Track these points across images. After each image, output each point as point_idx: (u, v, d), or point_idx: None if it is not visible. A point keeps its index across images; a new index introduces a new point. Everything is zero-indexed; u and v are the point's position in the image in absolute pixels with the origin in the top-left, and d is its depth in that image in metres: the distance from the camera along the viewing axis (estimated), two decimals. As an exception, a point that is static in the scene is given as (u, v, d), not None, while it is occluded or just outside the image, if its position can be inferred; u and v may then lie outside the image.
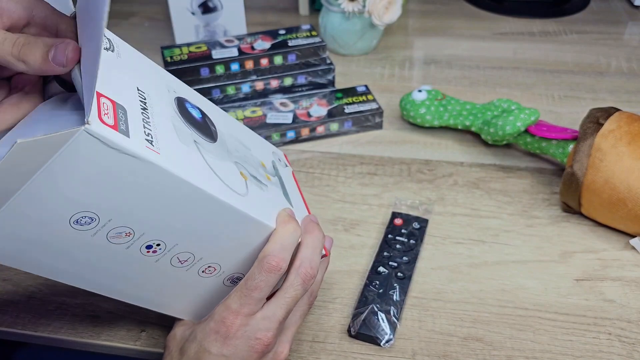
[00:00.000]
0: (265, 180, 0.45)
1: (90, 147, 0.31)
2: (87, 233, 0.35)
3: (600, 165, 0.56)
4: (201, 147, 0.39)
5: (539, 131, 0.64)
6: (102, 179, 0.33)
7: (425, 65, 0.89)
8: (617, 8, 1.07)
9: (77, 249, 0.35)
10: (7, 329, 0.51)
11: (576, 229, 0.60)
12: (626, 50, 0.93)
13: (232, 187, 0.39)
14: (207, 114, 0.44)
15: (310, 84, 0.78)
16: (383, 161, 0.70)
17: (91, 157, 0.31)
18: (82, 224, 0.34)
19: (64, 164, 0.31)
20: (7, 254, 0.35)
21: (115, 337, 0.50)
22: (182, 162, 0.35)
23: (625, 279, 0.55)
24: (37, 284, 0.55)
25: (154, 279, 0.40)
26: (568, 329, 0.50)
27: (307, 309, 0.44)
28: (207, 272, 0.41)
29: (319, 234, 0.43)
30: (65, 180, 0.32)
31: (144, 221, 0.36)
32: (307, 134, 0.73)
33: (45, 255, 0.35)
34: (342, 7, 0.84)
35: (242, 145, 0.47)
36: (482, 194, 0.65)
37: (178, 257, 0.39)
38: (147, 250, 0.37)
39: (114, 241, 0.36)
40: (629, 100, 0.80)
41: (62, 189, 0.32)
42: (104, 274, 0.38)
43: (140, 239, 0.36)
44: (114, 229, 0.35)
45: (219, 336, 0.40)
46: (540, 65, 0.89)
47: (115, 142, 0.31)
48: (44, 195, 0.32)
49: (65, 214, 0.33)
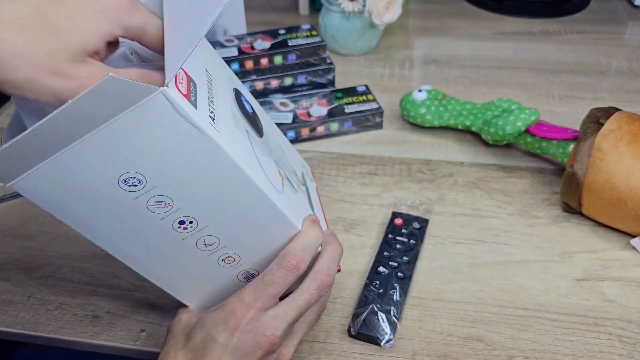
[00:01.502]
0: (296, 185, 0.47)
1: (161, 110, 0.32)
2: (131, 195, 0.35)
3: (601, 165, 0.56)
4: (251, 137, 0.41)
5: (539, 131, 0.64)
6: (161, 143, 0.34)
7: (425, 65, 0.89)
8: (617, 8, 1.07)
9: (114, 208, 0.36)
10: (7, 329, 0.51)
11: (576, 229, 0.60)
12: (626, 50, 0.93)
13: (271, 181, 0.41)
14: (256, 111, 0.46)
15: (310, 84, 0.78)
16: (383, 161, 0.70)
17: (159, 120, 0.33)
18: (129, 184, 0.35)
19: (134, 121, 0.32)
20: (49, 199, 0.35)
21: (115, 337, 0.50)
22: (235, 145, 0.37)
23: (625, 279, 0.55)
24: (37, 284, 0.55)
25: (175, 256, 0.40)
26: (568, 329, 0.50)
27: (315, 319, 0.44)
28: (226, 261, 0.42)
29: (339, 247, 0.44)
30: (128, 137, 0.33)
31: (186, 195, 0.36)
32: (307, 133, 0.73)
33: (81, 207, 0.36)
34: (342, 6, 0.84)
35: (280, 149, 0.49)
36: (483, 194, 0.65)
37: (205, 239, 0.40)
38: (179, 225, 0.38)
39: (152, 209, 0.37)
40: (629, 100, 0.80)
41: (122, 145, 0.33)
42: (130, 240, 0.39)
43: (177, 212, 0.37)
44: (156, 196, 0.36)
45: (228, 327, 0.40)
46: (541, 65, 0.89)
47: (184, 110, 0.32)
48: (104, 148, 0.33)
49: (116, 171, 0.34)
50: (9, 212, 0.63)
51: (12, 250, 0.59)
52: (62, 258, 0.58)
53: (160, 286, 0.43)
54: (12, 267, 0.57)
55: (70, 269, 0.57)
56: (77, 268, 0.57)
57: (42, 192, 0.34)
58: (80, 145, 0.33)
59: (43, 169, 0.33)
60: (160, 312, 0.52)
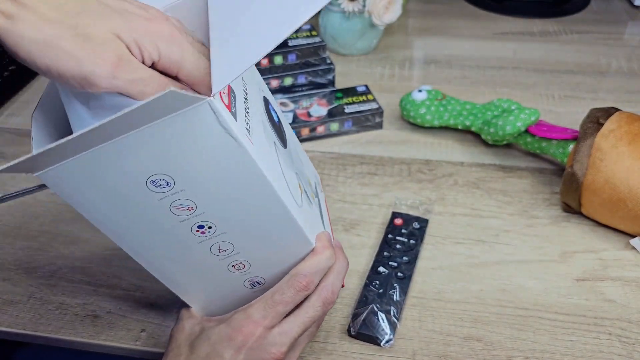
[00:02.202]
0: (311, 197, 0.48)
1: (204, 119, 0.32)
2: (156, 196, 0.36)
3: (601, 165, 0.56)
4: (278, 149, 0.41)
5: (539, 131, 0.64)
6: (197, 151, 0.34)
7: (425, 65, 0.89)
8: (617, 8, 1.07)
9: (136, 207, 0.36)
10: (7, 329, 0.51)
11: (576, 229, 0.60)
12: (626, 50, 0.93)
13: (293, 196, 0.41)
14: (281, 119, 0.47)
15: (311, 84, 0.78)
16: (383, 161, 0.70)
17: (200, 128, 0.33)
18: (157, 185, 0.35)
19: (175, 126, 0.33)
20: (73, 193, 0.35)
21: (115, 337, 0.50)
22: (265, 159, 0.37)
23: (625, 279, 0.55)
24: (37, 284, 0.55)
25: (186, 257, 0.41)
26: (568, 329, 0.50)
27: (315, 331, 0.45)
28: (236, 267, 0.42)
29: (345, 262, 0.45)
30: (166, 140, 0.33)
31: (210, 201, 0.37)
32: (307, 133, 0.73)
33: (104, 203, 0.36)
34: (342, 7, 0.84)
35: (299, 158, 0.49)
36: (482, 194, 0.65)
37: (220, 245, 0.40)
38: (198, 229, 0.38)
39: (175, 211, 0.37)
40: (629, 100, 0.80)
41: (158, 147, 0.33)
42: (145, 238, 0.39)
43: (198, 217, 0.37)
44: (181, 200, 0.36)
45: (234, 343, 0.40)
46: (541, 65, 0.89)
47: (227, 122, 0.33)
48: (140, 148, 0.33)
49: (147, 172, 0.34)
50: (9, 212, 0.64)
51: (13, 250, 0.59)
52: (62, 258, 0.58)
53: (166, 284, 0.43)
54: (12, 267, 0.57)
55: (71, 269, 0.57)
56: (78, 268, 0.57)
57: (68, 185, 0.34)
58: (117, 143, 0.33)
59: (75, 163, 0.33)
60: (161, 312, 0.52)
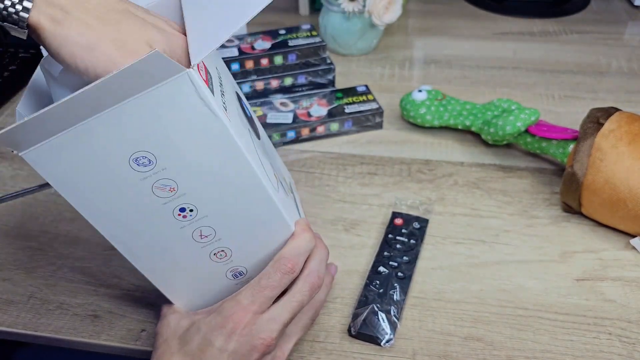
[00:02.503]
0: (287, 191, 0.49)
1: (184, 90, 0.33)
2: (138, 175, 0.36)
3: (601, 165, 0.56)
4: (252, 137, 0.43)
5: (539, 131, 0.64)
6: (177, 124, 0.35)
7: (425, 65, 0.89)
8: (617, 8, 1.07)
9: (119, 189, 0.37)
10: (7, 328, 0.51)
11: (576, 229, 0.60)
12: (626, 50, 0.93)
13: (270, 179, 0.42)
14: (253, 117, 0.48)
15: (311, 84, 0.78)
16: (383, 161, 0.70)
17: (179, 100, 0.34)
18: (139, 164, 0.36)
19: (155, 98, 0.33)
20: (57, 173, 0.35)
21: (115, 336, 0.50)
22: (242, 138, 0.38)
23: (625, 279, 0.55)
24: (37, 284, 0.55)
25: (169, 246, 0.41)
26: (568, 329, 0.50)
27: (309, 323, 0.45)
28: (218, 256, 0.43)
29: (325, 249, 0.46)
30: (147, 114, 0.34)
31: (190, 180, 0.37)
32: (307, 134, 0.73)
33: (87, 185, 0.36)
34: (342, 7, 0.84)
35: (274, 156, 0.51)
36: (482, 194, 0.65)
37: (201, 230, 0.40)
38: (179, 213, 0.39)
39: (157, 192, 0.37)
40: (629, 100, 0.80)
41: (140, 121, 0.34)
42: (128, 225, 0.39)
43: (179, 198, 0.38)
44: (163, 179, 0.37)
45: (225, 330, 0.40)
46: (541, 65, 0.89)
47: (204, 94, 0.34)
48: (123, 123, 0.34)
49: (130, 149, 0.35)
50: (9, 212, 0.64)
51: (13, 250, 0.59)
52: (62, 258, 0.58)
53: (148, 278, 0.43)
54: (12, 267, 0.57)
55: (71, 269, 0.57)
56: (78, 268, 0.57)
57: (52, 165, 0.35)
58: (100, 118, 0.33)
59: (59, 141, 0.33)
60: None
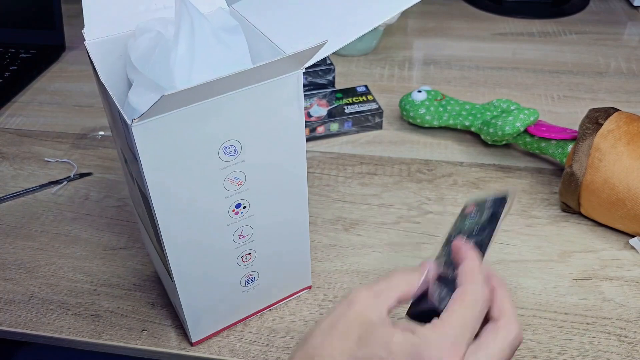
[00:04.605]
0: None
1: (290, 89, 0.36)
2: (220, 164, 0.37)
3: (600, 165, 0.56)
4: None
5: (538, 131, 0.64)
6: (270, 118, 0.37)
7: (424, 66, 0.89)
8: (616, 8, 1.07)
9: (198, 176, 0.37)
10: (8, 328, 0.51)
11: (575, 229, 0.60)
12: (625, 50, 0.93)
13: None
14: None
15: (311, 84, 0.78)
16: (383, 161, 0.70)
17: (282, 97, 0.36)
18: (226, 152, 0.37)
19: (267, 90, 0.35)
20: (153, 152, 0.35)
21: (116, 336, 0.50)
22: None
23: (624, 279, 0.55)
24: (38, 284, 0.55)
25: (209, 244, 0.41)
26: (567, 329, 0.50)
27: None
28: (244, 259, 0.44)
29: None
30: (253, 103, 0.36)
31: (256, 176, 0.39)
32: (307, 134, 0.73)
33: (172, 170, 0.36)
34: (342, 7, 0.85)
35: None
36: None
37: (242, 230, 0.42)
38: (234, 209, 0.40)
39: (227, 185, 0.38)
40: (628, 101, 0.80)
41: (245, 109, 0.36)
42: (185, 217, 0.39)
43: (242, 193, 0.40)
44: (237, 172, 0.38)
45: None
46: (540, 65, 0.89)
47: (301, 96, 0.37)
48: (231, 108, 0.35)
49: (224, 136, 0.36)
50: (10, 212, 0.64)
51: (13, 250, 0.59)
52: (63, 257, 0.58)
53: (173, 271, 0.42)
54: (13, 266, 0.57)
55: (71, 269, 0.57)
56: (78, 268, 0.57)
57: (153, 141, 0.34)
58: (215, 101, 0.34)
59: (171, 117, 0.34)
60: (161, 311, 0.52)
